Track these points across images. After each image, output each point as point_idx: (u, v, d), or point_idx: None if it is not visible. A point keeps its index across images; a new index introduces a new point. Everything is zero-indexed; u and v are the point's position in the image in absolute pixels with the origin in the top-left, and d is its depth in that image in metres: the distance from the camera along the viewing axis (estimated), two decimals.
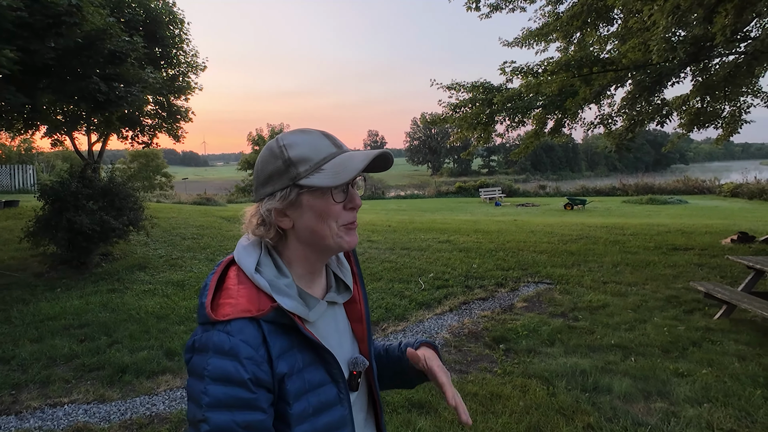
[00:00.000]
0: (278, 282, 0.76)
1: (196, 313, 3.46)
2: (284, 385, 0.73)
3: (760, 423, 2.68)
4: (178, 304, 4.97)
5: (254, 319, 0.71)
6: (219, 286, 0.77)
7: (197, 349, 0.72)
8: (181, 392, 3.17)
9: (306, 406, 0.75)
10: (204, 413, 0.67)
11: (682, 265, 6.41)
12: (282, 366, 0.73)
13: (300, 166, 0.76)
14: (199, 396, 0.68)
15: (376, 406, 0.94)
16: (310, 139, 0.79)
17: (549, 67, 6.45)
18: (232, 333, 0.69)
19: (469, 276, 6.15)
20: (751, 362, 3.43)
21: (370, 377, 0.93)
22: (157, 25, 12.95)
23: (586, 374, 3.29)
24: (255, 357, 0.70)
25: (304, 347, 0.76)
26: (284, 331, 0.74)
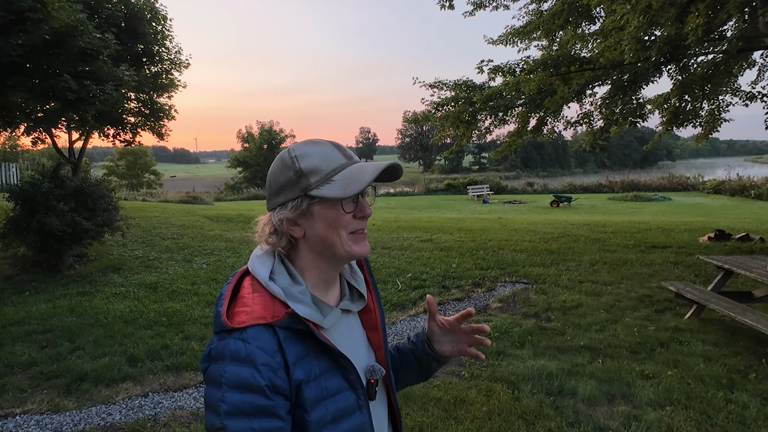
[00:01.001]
0: (292, 289, 0.77)
1: (164, 316, 3.39)
2: (301, 392, 0.73)
3: (719, 426, 2.68)
4: (148, 308, 4.87)
5: (269, 326, 0.72)
6: (234, 296, 0.79)
7: (214, 358, 0.72)
8: (140, 400, 3.10)
9: (324, 414, 0.75)
10: (222, 421, 0.68)
11: (659, 264, 6.44)
12: (298, 373, 0.73)
13: (311, 176, 0.78)
14: (216, 404, 0.69)
15: (394, 415, 0.95)
16: (321, 150, 0.80)
17: (527, 66, 6.43)
18: (248, 340, 0.70)
19: (447, 276, 6.12)
20: (716, 363, 3.44)
21: (388, 386, 0.93)
22: (138, 22, 12.74)
23: (552, 377, 3.27)
24: (271, 363, 0.70)
25: (321, 354, 0.77)
26: (300, 338, 0.75)
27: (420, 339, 1.02)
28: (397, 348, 1.05)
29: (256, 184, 41.63)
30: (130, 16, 12.51)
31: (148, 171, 44.87)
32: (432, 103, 9.11)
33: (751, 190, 20.74)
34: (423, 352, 1.00)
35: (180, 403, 3.09)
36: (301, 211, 0.78)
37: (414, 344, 1.02)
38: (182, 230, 9.80)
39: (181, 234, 9.35)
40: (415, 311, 4.86)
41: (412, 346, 1.02)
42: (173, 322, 4.47)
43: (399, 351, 1.04)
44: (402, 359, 1.03)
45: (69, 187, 6.66)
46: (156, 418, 2.89)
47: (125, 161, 43.84)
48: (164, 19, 14.18)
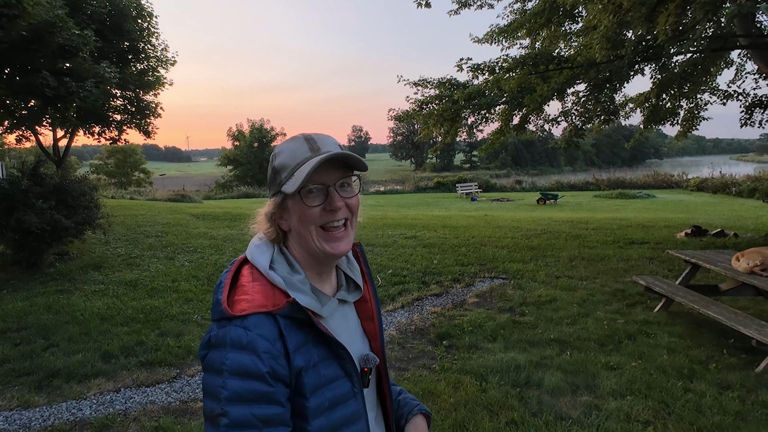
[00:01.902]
0: (292, 278, 0.79)
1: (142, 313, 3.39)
2: (301, 379, 0.74)
3: (676, 414, 2.77)
4: (126, 305, 4.87)
5: (270, 314, 0.73)
6: (233, 284, 0.80)
7: (213, 345, 0.73)
8: (111, 396, 3.12)
9: (322, 400, 0.76)
10: (223, 407, 0.69)
11: (635, 259, 6.57)
12: (299, 360, 0.74)
13: (282, 173, 0.81)
14: (217, 390, 0.70)
15: (386, 403, 0.96)
16: (292, 146, 0.82)
17: (506, 65, 6.51)
18: (249, 328, 0.71)
19: (428, 272, 6.19)
20: (679, 354, 3.54)
21: (381, 374, 0.95)
22: (122, 19, 12.64)
23: (520, 369, 3.35)
24: (272, 351, 0.71)
25: (319, 342, 0.78)
26: (299, 327, 0.76)
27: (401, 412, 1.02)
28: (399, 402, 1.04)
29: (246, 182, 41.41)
30: (115, 13, 12.40)
31: (138, 169, 44.46)
32: (416, 101, 9.18)
33: (732, 187, 21.15)
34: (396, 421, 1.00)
35: (152, 398, 3.11)
36: (278, 206, 0.82)
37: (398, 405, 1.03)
38: (167, 228, 9.75)
39: (165, 232, 9.31)
40: (393, 306, 4.91)
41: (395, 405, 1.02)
42: (150, 318, 4.47)
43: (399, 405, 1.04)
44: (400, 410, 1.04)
45: (49, 185, 6.61)
46: (126, 413, 2.91)
47: (114, 159, 43.41)
48: (150, 16, 14.08)
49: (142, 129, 15.25)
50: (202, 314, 4.65)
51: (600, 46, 4.59)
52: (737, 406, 2.81)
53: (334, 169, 0.81)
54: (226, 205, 17.83)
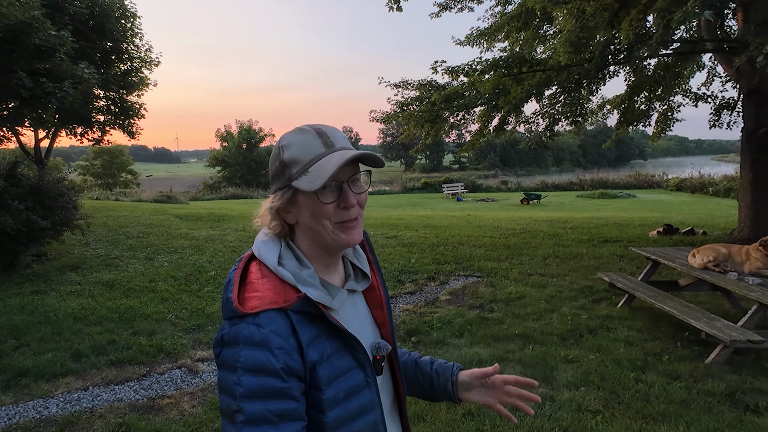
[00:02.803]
0: (301, 273, 0.79)
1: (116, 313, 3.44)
2: (315, 372, 0.76)
3: (624, 403, 2.90)
4: (101, 305, 4.89)
5: (282, 310, 0.74)
6: (242, 281, 0.80)
7: (227, 343, 0.74)
8: (78, 394, 3.16)
9: (337, 392, 0.78)
10: (239, 404, 0.70)
11: (606, 257, 6.75)
12: (312, 354, 0.75)
13: (292, 167, 0.79)
14: (232, 387, 0.71)
15: (399, 389, 0.97)
16: (303, 139, 0.80)
17: (480, 67, 6.64)
18: (261, 324, 0.72)
19: (404, 270, 6.29)
20: (635, 347, 3.68)
21: (394, 361, 0.96)
22: (105, 19, 12.55)
23: (482, 363, 3.46)
24: (286, 346, 0.72)
25: (331, 335, 0.79)
26: (311, 321, 0.77)
27: (446, 376, 1.04)
28: (416, 363, 1.06)
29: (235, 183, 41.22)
30: (98, 14, 12.32)
31: (125, 170, 43.98)
32: (397, 103, 9.28)
33: (709, 187, 21.64)
34: (443, 388, 1.03)
35: (120, 396, 3.16)
36: (287, 201, 0.81)
37: (438, 374, 1.04)
38: (149, 229, 9.73)
39: (147, 233, 9.29)
40: None
41: (434, 375, 1.04)
42: (124, 318, 4.51)
43: (418, 367, 1.06)
44: (417, 376, 1.06)
45: (26, 186, 6.59)
46: (93, 411, 2.96)
47: (101, 161, 42.90)
48: (133, 16, 14.00)
49: (126, 130, 15.15)
50: (176, 313, 4.70)
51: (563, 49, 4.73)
52: (683, 395, 2.96)
53: (348, 165, 0.80)
54: (211, 206, 17.77)
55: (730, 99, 8.09)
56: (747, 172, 6.67)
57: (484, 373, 1.01)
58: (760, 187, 6.52)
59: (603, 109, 10.14)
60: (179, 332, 4.23)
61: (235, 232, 9.39)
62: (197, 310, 4.77)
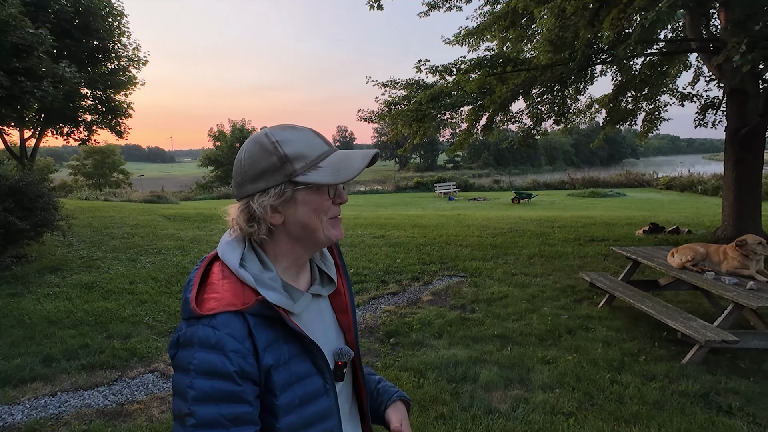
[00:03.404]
0: (262, 276, 0.77)
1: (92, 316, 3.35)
2: (270, 377, 0.74)
3: (598, 405, 2.88)
4: (77, 308, 4.81)
5: (239, 313, 0.73)
6: (203, 281, 0.78)
7: (182, 344, 0.72)
8: (46, 400, 3.09)
9: (293, 397, 0.76)
10: (190, 407, 0.68)
11: (591, 256, 6.75)
12: (268, 358, 0.74)
13: (296, 162, 0.77)
14: (185, 390, 0.69)
15: (361, 395, 0.96)
16: (304, 136, 0.80)
17: (464, 66, 6.62)
18: (217, 327, 0.71)
19: (389, 271, 6.25)
20: (613, 347, 3.67)
21: (356, 367, 0.95)
22: (91, 18, 12.41)
23: (459, 365, 3.43)
24: (241, 350, 0.71)
25: (290, 339, 0.78)
26: (269, 324, 0.75)
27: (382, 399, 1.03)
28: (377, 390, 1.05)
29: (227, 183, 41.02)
30: (83, 12, 12.17)
31: (117, 170, 43.64)
32: (385, 102, 9.24)
33: (698, 185, 21.80)
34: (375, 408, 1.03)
35: (88, 402, 3.10)
36: (284, 198, 0.78)
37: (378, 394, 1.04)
38: (135, 230, 9.61)
39: (132, 233, 9.18)
40: None
41: (375, 393, 1.04)
42: (100, 321, 4.43)
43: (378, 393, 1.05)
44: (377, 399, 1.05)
45: (4, 186, 6.48)
46: (59, 417, 2.90)
47: (92, 160, 42.55)
48: (120, 14, 13.86)
49: (113, 129, 15.00)
50: (154, 316, 4.63)
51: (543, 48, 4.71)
52: (657, 396, 2.94)
53: None
54: (201, 206, 17.63)
55: (715, 98, 8.14)
56: (730, 171, 6.70)
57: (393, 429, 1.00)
58: (743, 186, 6.55)
59: (591, 108, 10.17)
60: (155, 335, 4.17)
61: (222, 233, 9.16)
62: (175, 313, 4.71)
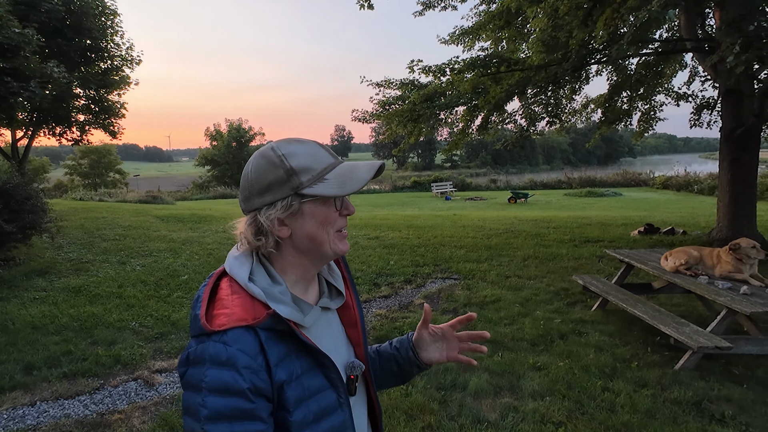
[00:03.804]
0: (272, 290, 0.77)
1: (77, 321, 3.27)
2: (284, 393, 0.73)
3: (588, 414, 2.82)
4: (63, 312, 4.73)
5: (251, 328, 0.72)
6: (212, 297, 0.77)
7: (192, 362, 0.71)
8: (24, 410, 3.02)
9: (306, 413, 0.75)
10: (203, 426, 0.67)
11: (586, 258, 6.70)
12: (281, 373, 0.72)
13: (302, 175, 0.77)
14: (196, 409, 0.68)
15: (374, 409, 0.96)
16: (309, 149, 0.80)
17: (457, 66, 6.55)
18: (228, 343, 0.70)
19: (382, 273, 6.19)
20: (606, 353, 3.61)
21: (368, 381, 0.94)
22: (83, 17, 12.29)
23: (448, 372, 3.36)
24: (253, 366, 0.70)
25: (302, 353, 0.76)
26: (281, 338, 0.74)
27: (404, 345, 1.02)
28: (377, 351, 1.06)
29: (224, 182, 40.92)
30: (76, 11, 12.05)
31: (113, 170, 43.47)
32: (379, 102, 9.17)
33: (694, 185, 21.79)
34: (406, 359, 1.01)
35: (68, 411, 3.02)
36: (291, 211, 0.78)
37: (397, 350, 1.03)
38: (127, 231, 9.53)
39: (124, 235, 9.10)
40: None
41: (395, 352, 1.03)
42: (85, 326, 4.35)
43: (380, 355, 1.05)
44: (382, 363, 1.04)
45: None
46: (36, 428, 2.82)
47: (88, 160, 42.36)
48: (114, 14, 13.75)
49: (107, 129, 14.88)
50: (140, 321, 4.55)
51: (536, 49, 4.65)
52: (648, 404, 2.89)
53: None
54: (196, 207, 17.54)
55: (710, 98, 8.09)
56: (725, 172, 6.65)
57: (424, 320, 1.01)
58: (738, 186, 6.50)
59: (587, 108, 10.12)
60: (141, 341, 4.09)
61: (215, 234, 9.23)
62: (163, 318, 4.63)
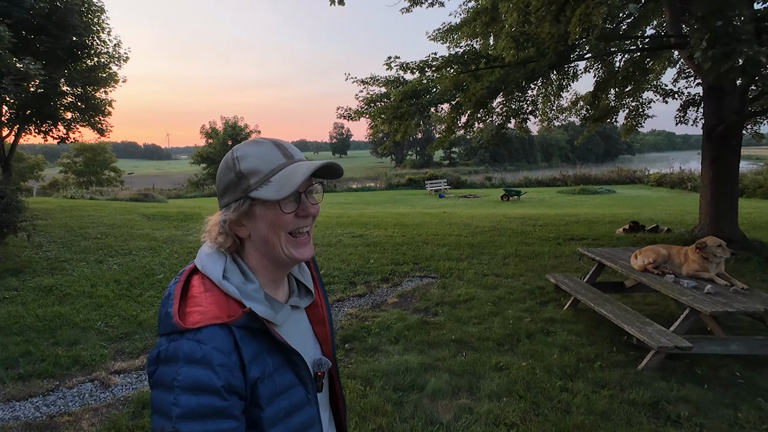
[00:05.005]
0: (246, 288, 0.77)
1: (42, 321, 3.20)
2: (257, 390, 0.73)
3: (542, 415, 2.77)
4: (30, 312, 4.66)
5: (225, 326, 0.72)
6: (183, 295, 0.77)
7: (164, 360, 0.70)
8: None
9: (278, 410, 0.76)
10: (174, 425, 0.67)
11: (567, 256, 6.65)
12: (254, 371, 0.73)
13: (251, 178, 0.78)
14: (168, 407, 0.67)
15: (338, 404, 0.99)
16: (262, 150, 0.80)
17: (435, 63, 6.48)
18: (203, 341, 0.69)
19: (359, 272, 6.13)
20: (570, 353, 3.56)
21: (334, 377, 0.98)
22: (68, 14, 12.19)
23: (409, 372, 3.31)
24: (228, 363, 0.70)
25: (274, 351, 0.77)
26: (254, 336, 0.74)
27: None
28: None
29: None
30: (60, 8, 11.95)
31: (108, 168, 43.37)
32: (364, 99, 9.10)
33: (688, 182, 21.75)
34: None
35: (17, 414, 2.96)
36: (243, 212, 0.78)
37: None
38: (110, 230, 9.46)
39: (107, 233, 9.03)
40: None
41: None
42: (49, 326, 4.29)
43: None
44: None
45: None
46: None
47: (83, 158, 42.27)
48: (100, 11, 13.65)
49: (94, 127, 14.79)
50: (107, 321, 4.49)
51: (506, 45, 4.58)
52: (605, 406, 2.84)
53: None
54: (186, 205, 17.47)
55: (696, 95, 8.03)
56: (707, 170, 6.60)
57: None
58: (719, 185, 6.45)
59: (577, 105, 10.05)
60: (104, 341, 4.04)
61: (198, 233, 8.93)
62: (130, 317, 4.57)
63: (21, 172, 35.09)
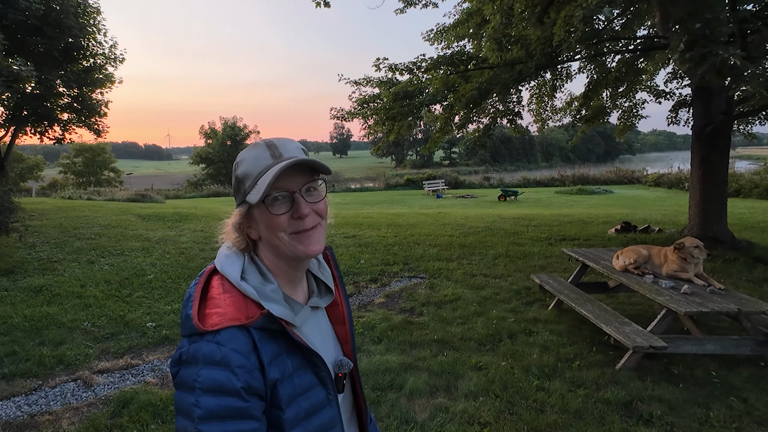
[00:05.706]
0: (264, 288, 0.77)
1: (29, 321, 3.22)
2: (276, 391, 0.74)
3: (517, 414, 2.80)
4: (18, 312, 4.69)
5: (244, 327, 0.72)
6: (203, 296, 0.78)
7: (185, 362, 0.71)
8: None
9: (298, 410, 0.76)
10: (197, 426, 0.67)
11: (557, 256, 6.66)
12: (273, 372, 0.73)
13: (245, 182, 0.79)
14: (190, 409, 0.68)
15: (360, 406, 0.97)
16: (254, 153, 0.80)
17: (424, 64, 6.50)
18: (222, 342, 0.70)
19: (350, 272, 6.16)
20: (550, 353, 3.58)
21: (355, 378, 0.95)
22: (63, 14, 12.23)
23: (389, 372, 3.33)
24: (247, 365, 0.70)
25: (293, 352, 0.77)
26: (273, 337, 0.75)
27: None
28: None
29: (219, 180, 40.91)
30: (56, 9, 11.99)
31: (107, 168, 43.46)
32: (357, 100, 9.13)
33: (685, 182, 21.72)
34: None
35: None
36: (245, 216, 0.80)
37: None
38: (104, 230, 9.50)
39: (100, 234, 9.07)
40: None
41: None
42: (36, 327, 4.32)
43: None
44: None
45: None
46: None
47: (82, 158, 42.37)
48: (96, 12, 13.69)
49: (91, 128, 14.83)
50: (94, 321, 4.52)
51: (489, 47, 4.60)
52: (579, 405, 2.86)
53: (299, 174, 0.79)
54: (183, 205, 17.52)
55: (687, 96, 8.04)
56: (696, 170, 6.61)
57: None
58: (708, 185, 6.47)
59: (571, 105, 10.07)
60: (89, 341, 4.06)
61: (192, 233, 9.20)
62: (117, 318, 4.60)
63: (21, 172, 35.16)
